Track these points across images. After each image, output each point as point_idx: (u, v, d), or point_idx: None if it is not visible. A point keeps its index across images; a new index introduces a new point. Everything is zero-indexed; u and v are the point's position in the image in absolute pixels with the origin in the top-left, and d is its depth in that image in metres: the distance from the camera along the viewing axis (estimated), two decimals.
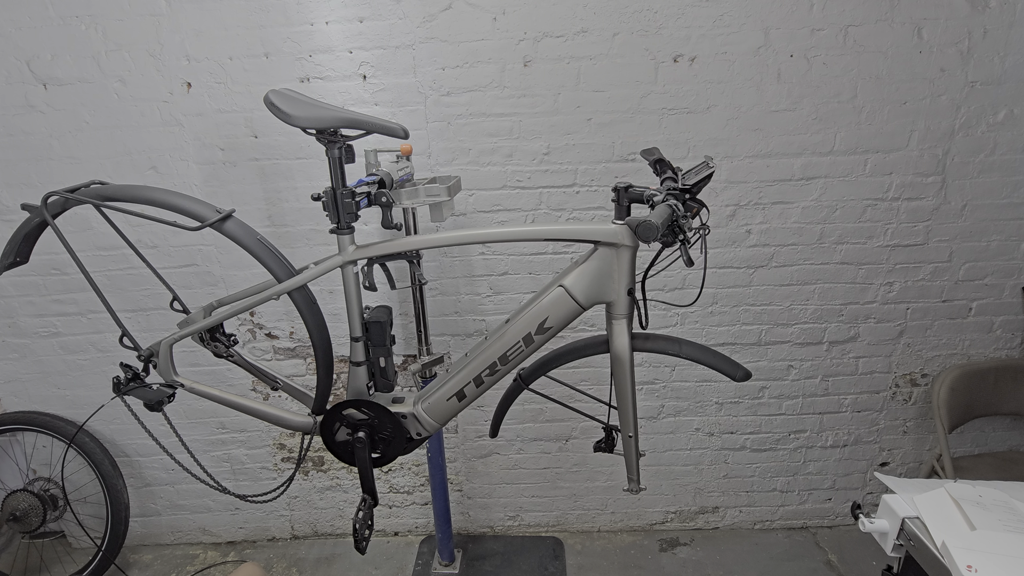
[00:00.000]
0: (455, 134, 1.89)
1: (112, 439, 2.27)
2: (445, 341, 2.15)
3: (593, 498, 2.38)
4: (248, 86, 1.84)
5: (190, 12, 1.77)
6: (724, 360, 1.30)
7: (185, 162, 1.92)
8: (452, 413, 1.45)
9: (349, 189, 1.31)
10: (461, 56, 1.81)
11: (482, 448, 2.31)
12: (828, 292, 2.08)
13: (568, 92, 1.85)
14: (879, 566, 2.16)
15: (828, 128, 1.88)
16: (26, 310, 2.08)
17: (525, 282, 2.06)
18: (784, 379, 2.20)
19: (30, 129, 1.87)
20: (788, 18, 1.78)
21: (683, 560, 2.27)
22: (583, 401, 1.65)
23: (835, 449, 2.31)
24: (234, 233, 1.33)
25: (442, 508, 2.13)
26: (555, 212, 1.98)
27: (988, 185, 1.95)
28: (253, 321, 2.12)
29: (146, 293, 2.06)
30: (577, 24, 1.78)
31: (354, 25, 1.78)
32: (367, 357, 1.45)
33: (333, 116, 1.27)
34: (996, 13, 1.77)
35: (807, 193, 1.96)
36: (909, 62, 1.82)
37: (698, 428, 2.28)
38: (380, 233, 1.97)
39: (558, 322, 1.31)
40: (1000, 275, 2.07)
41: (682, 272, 2.03)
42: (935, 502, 1.15)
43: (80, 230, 1.96)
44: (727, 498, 2.38)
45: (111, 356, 2.15)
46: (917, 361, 2.18)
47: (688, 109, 1.86)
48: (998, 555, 1.01)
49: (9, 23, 1.78)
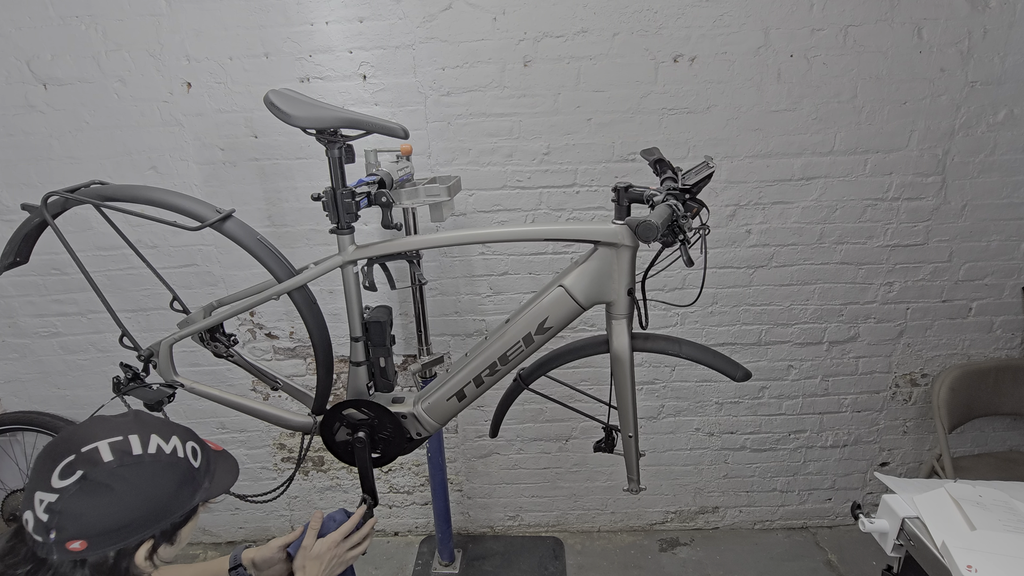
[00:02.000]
0: (455, 134, 1.89)
1: None
2: (445, 341, 2.15)
3: (593, 498, 2.38)
4: (248, 86, 1.84)
5: (190, 12, 1.77)
6: (724, 360, 1.30)
7: (185, 162, 1.92)
8: (452, 413, 1.45)
9: (349, 189, 1.31)
10: (461, 56, 1.81)
11: (482, 448, 2.31)
12: (828, 292, 2.08)
13: (568, 92, 1.84)
14: (879, 566, 2.15)
15: (828, 128, 1.88)
16: (26, 310, 2.08)
17: (525, 282, 2.06)
18: (784, 379, 2.20)
19: (30, 129, 1.87)
20: (788, 18, 1.78)
21: (683, 560, 2.27)
22: (583, 401, 1.65)
23: (835, 449, 2.31)
24: (234, 233, 1.33)
25: (442, 508, 2.13)
26: (555, 212, 1.98)
27: (988, 185, 1.95)
28: (253, 321, 2.12)
29: (146, 293, 2.06)
30: (577, 24, 1.78)
31: (354, 25, 1.78)
32: (367, 357, 1.45)
33: (333, 116, 1.27)
34: (996, 13, 1.77)
35: (807, 193, 1.96)
36: (909, 62, 1.81)
37: (698, 428, 2.28)
38: (380, 233, 1.97)
39: (558, 322, 1.30)
40: (1000, 275, 2.07)
41: (682, 272, 2.03)
42: (935, 502, 1.15)
43: (80, 230, 1.96)
44: (727, 498, 2.38)
45: (111, 356, 2.15)
46: (917, 361, 2.18)
47: (688, 109, 1.86)
48: (998, 555, 1.01)
49: (9, 23, 1.78)
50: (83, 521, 0.73)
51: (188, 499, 0.82)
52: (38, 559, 0.74)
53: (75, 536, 0.72)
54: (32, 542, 0.74)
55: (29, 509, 0.74)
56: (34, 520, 0.73)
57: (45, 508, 0.72)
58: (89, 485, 0.73)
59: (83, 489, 0.73)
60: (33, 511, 0.73)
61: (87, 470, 0.74)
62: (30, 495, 0.74)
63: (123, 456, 0.76)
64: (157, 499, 0.78)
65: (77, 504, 0.73)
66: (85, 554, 0.73)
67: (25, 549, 0.75)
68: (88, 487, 0.73)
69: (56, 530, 0.72)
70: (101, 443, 0.76)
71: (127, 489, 0.75)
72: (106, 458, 0.75)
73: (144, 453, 0.78)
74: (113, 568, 0.76)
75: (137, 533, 0.76)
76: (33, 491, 0.74)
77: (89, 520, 0.73)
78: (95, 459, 0.75)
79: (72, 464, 0.74)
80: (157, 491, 0.78)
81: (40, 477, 0.74)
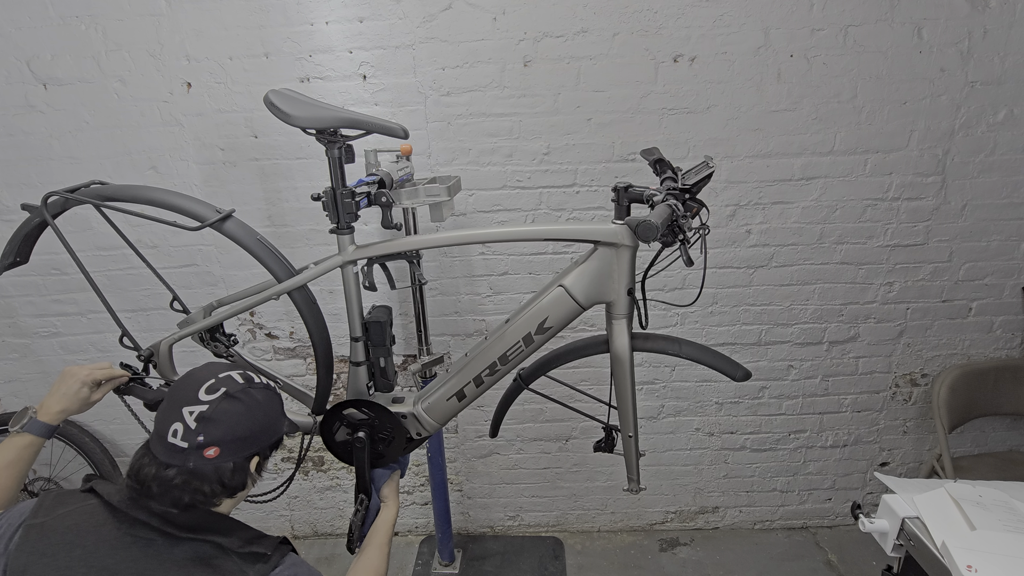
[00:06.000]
0: (455, 134, 1.89)
1: (112, 439, 2.27)
2: (445, 341, 2.15)
3: (593, 498, 2.38)
4: (248, 86, 1.84)
5: (190, 12, 1.77)
6: (724, 360, 1.30)
7: (185, 162, 1.92)
8: (452, 413, 1.45)
9: (349, 189, 1.31)
10: (461, 56, 1.81)
11: (482, 448, 2.31)
12: (828, 292, 2.08)
13: (568, 92, 1.85)
14: (879, 566, 2.16)
15: (828, 128, 1.88)
16: (26, 310, 2.08)
17: (525, 282, 2.06)
18: (784, 379, 2.20)
19: (30, 129, 1.87)
20: (788, 18, 1.78)
21: (683, 560, 2.27)
22: (583, 401, 1.65)
23: (835, 449, 2.31)
24: (234, 233, 1.33)
25: (442, 508, 2.13)
26: (555, 212, 1.98)
27: (988, 185, 1.95)
28: (253, 321, 2.12)
29: (146, 293, 2.06)
30: (577, 24, 1.78)
31: (354, 25, 1.78)
32: (367, 357, 1.45)
33: (333, 116, 1.26)
34: (996, 13, 1.77)
35: (807, 193, 1.96)
36: (909, 62, 1.82)
37: (698, 428, 2.28)
38: (380, 233, 1.97)
39: (558, 322, 1.30)
40: (1000, 275, 2.07)
41: (682, 272, 2.03)
42: (935, 502, 1.15)
43: (80, 230, 1.96)
44: (727, 498, 2.38)
45: (111, 356, 2.15)
46: (917, 361, 2.18)
47: (688, 109, 1.86)
48: (998, 555, 1.01)
49: (9, 23, 1.78)
50: (222, 429, 0.90)
51: (282, 425, 1.02)
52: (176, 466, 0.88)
53: (214, 442, 0.89)
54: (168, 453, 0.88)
55: (177, 420, 0.89)
56: (183, 428, 0.89)
57: (196, 416, 0.89)
58: (228, 399, 0.92)
59: (225, 401, 0.91)
60: (183, 421, 0.89)
61: (228, 387, 0.93)
62: (176, 410, 0.90)
63: (249, 380, 0.97)
64: (268, 418, 0.97)
65: (221, 413, 0.91)
66: (217, 461, 0.90)
67: (153, 469, 0.88)
68: (228, 400, 0.92)
69: (203, 434, 0.88)
70: (232, 371, 0.96)
71: (252, 405, 0.94)
72: (239, 381, 0.95)
73: (260, 382, 0.99)
74: (232, 476, 0.92)
75: (252, 446, 0.94)
76: (180, 406, 0.90)
77: (226, 428, 0.91)
78: (231, 381, 0.94)
79: (214, 384, 0.93)
80: (269, 411, 0.98)
81: (186, 396, 0.91)
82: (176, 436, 0.88)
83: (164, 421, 0.90)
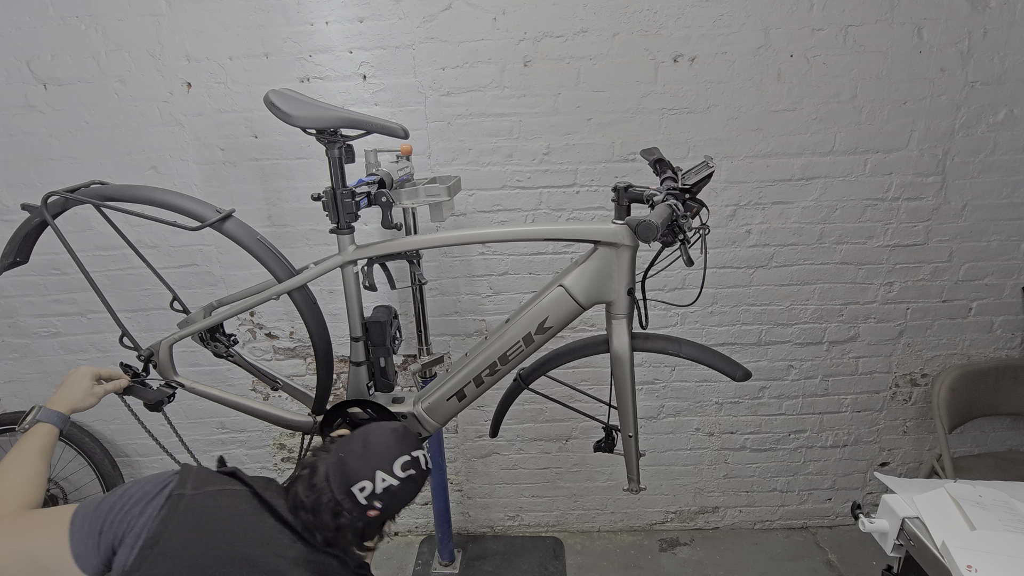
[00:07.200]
0: (455, 134, 1.89)
1: (112, 439, 2.27)
2: (445, 341, 2.15)
3: (593, 498, 2.38)
4: (248, 86, 1.84)
5: (190, 12, 1.77)
6: (724, 360, 1.30)
7: (185, 162, 1.92)
8: (452, 413, 1.45)
9: (349, 189, 1.31)
10: (461, 56, 1.81)
11: (482, 448, 2.31)
12: (828, 292, 2.08)
13: (568, 92, 1.84)
14: (879, 566, 2.15)
15: (828, 128, 1.88)
16: (26, 310, 2.08)
17: (525, 282, 2.06)
18: (784, 379, 2.20)
19: (30, 129, 1.87)
20: (788, 18, 1.78)
21: (683, 560, 2.27)
22: (583, 401, 1.65)
23: (835, 449, 2.31)
24: (234, 233, 1.33)
25: (442, 508, 2.13)
26: (555, 212, 1.98)
27: (988, 185, 1.95)
28: (253, 321, 2.12)
29: (146, 293, 2.06)
30: (577, 24, 1.78)
31: (354, 25, 1.78)
32: (367, 357, 1.45)
33: (333, 116, 1.27)
34: (996, 13, 1.77)
35: (807, 193, 1.96)
36: (909, 62, 1.82)
37: (698, 428, 2.28)
38: (380, 233, 1.97)
39: (558, 322, 1.30)
40: (1000, 275, 2.07)
41: (682, 272, 2.03)
42: (935, 502, 1.15)
43: (80, 230, 1.96)
44: (727, 498, 2.38)
45: (111, 356, 2.15)
46: (917, 361, 2.18)
47: (688, 109, 1.86)
48: (998, 555, 1.01)
49: (9, 23, 1.78)
50: (397, 504, 0.98)
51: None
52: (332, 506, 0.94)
53: (384, 511, 0.96)
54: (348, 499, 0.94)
55: (368, 480, 0.95)
56: (371, 490, 0.95)
57: (386, 487, 0.96)
58: (411, 482, 0.99)
59: (409, 483, 0.99)
60: (373, 482, 0.95)
61: (415, 471, 1.00)
62: (371, 469, 0.96)
63: (428, 462, 1.04)
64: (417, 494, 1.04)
65: (402, 491, 0.98)
66: (372, 519, 0.96)
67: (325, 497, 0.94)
68: (411, 483, 0.99)
69: (382, 503, 0.96)
70: (419, 451, 1.03)
71: (420, 486, 1.02)
72: (423, 468, 1.02)
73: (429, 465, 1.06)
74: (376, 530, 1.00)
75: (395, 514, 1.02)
76: (375, 468, 0.96)
77: (399, 504, 0.99)
78: (419, 465, 1.01)
79: (408, 463, 0.99)
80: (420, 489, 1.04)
81: (382, 459, 0.98)
82: (363, 492, 0.95)
83: (356, 470, 0.96)
